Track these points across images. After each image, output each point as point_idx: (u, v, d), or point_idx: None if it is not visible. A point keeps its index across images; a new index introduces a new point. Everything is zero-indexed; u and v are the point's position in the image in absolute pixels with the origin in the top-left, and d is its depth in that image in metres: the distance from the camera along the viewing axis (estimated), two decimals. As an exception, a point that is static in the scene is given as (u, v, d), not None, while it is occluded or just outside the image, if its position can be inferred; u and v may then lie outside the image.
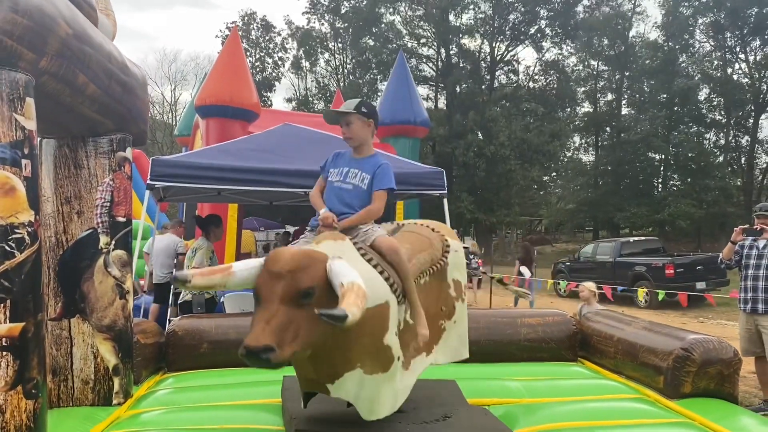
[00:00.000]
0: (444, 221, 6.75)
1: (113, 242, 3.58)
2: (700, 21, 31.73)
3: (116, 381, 3.63)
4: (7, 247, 2.44)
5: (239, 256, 9.36)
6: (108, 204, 3.56)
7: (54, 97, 2.83)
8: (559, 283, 17.58)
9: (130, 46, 69.39)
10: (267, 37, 44.73)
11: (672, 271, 14.60)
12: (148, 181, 5.65)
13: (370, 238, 3.00)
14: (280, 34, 44.92)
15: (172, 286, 7.85)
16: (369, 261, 2.81)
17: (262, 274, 2.46)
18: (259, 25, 44.44)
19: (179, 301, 6.49)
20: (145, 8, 73.15)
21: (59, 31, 2.69)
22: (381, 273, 2.79)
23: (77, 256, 3.52)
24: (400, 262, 2.91)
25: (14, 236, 2.47)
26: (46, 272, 3.43)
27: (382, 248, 2.92)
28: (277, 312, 2.29)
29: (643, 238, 20.39)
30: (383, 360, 2.76)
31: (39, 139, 3.37)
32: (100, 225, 3.55)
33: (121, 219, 3.63)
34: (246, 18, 44.32)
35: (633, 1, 34.98)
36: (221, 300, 7.42)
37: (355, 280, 2.35)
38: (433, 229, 3.49)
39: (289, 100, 45.38)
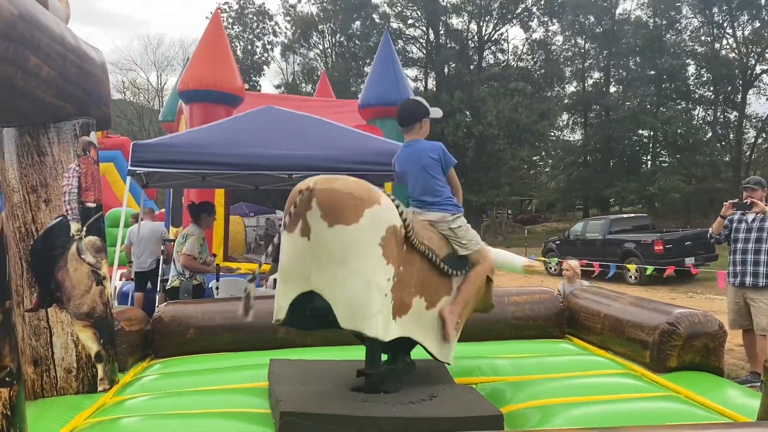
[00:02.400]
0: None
1: (85, 228, 3.52)
2: (687, -3, 31.66)
3: (100, 368, 3.59)
4: (-35, 235, 2.37)
5: (227, 241, 9.31)
6: (75, 190, 3.49)
7: (6, 81, 2.75)
8: (548, 262, 17.66)
9: (119, 32, 68.65)
10: (260, 21, 44.18)
11: (661, 247, 14.69)
12: (129, 167, 5.57)
13: None
14: (272, 19, 44.41)
15: (159, 272, 7.82)
16: None
17: None
18: (255, 9, 43.86)
19: (167, 287, 6.45)
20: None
21: (3, 12, 2.61)
22: None
23: (48, 244, 3.45)
24: None
25: (-27, 223, 2.40)
26: (18, 263, 3.38)
27: None
28: None
29: (632, 215, 20.48)
30: None
31: (-2, 128, 3.29)
32: (70, 212, 3.48)
33: (90, 205, 3.56)
34: (242, 1, 43.66)
35: (620, -22, 34.84)
36: (210, 286, 7.39)
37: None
38: None
39: (277, 86, 45.03)
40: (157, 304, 7.89)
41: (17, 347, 2.26)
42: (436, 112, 3.78)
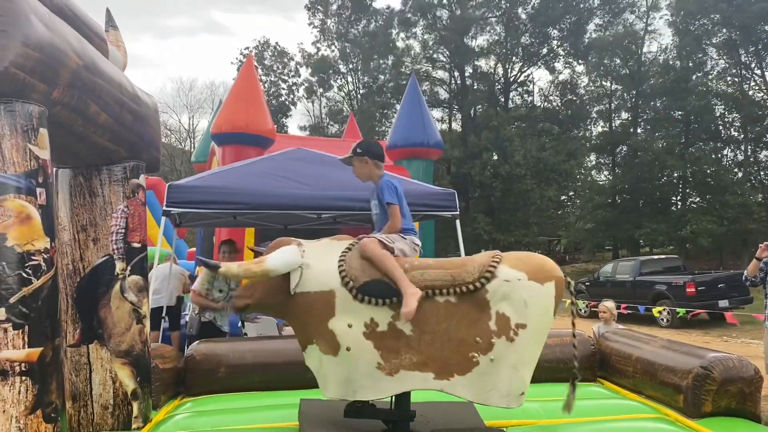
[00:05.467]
0: (457, 242, 6.76)
1: (129, 268, 3.63)
2: (713, 40, 31.63)
3: (135, 405, 3.65)
4: (24, 274, 2.50)
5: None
6: (123, 231, 3.62)
7: (67, 127, 2.90)
8: (578, 303, 17.40)
9: (150, 73, 70.91)
10: (281, 63, 45.44)
11: (693, 290, 14.41)
12: (164, 207, 5.72)
13: None
14: (293, 59, 45.61)
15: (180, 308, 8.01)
16: (341, 258, 3.27)
17: None
18: (273, 52, 45.18)
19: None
20: (169, 36, 74.84)
21: (70, 63, 2.77)
22: (339, 267, 3.22)
23: (94, 282, 3.57)
24: (375, 260, 3.20)
25: (31, 263, 2.53)
26: (64, 299, 3.49)
27: (360, 249, 3.30)
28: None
29: (663, 256, 20.15)
30: (331, 344, 3.15)
31: (54, 168, 3.46)
32: (116, 251, 3.60)
33: (136, 245, 3.68)
34: (260, 46, 45.08)
35: (645, 20, 35.08)
36: (240, 328, 7.47)
37: (266, 259, 3.17)
38: (494, 256, 3.30)
39: (302, 128, 45.93)
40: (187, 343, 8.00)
41: (63, 384, 2.35)
42: None
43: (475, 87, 38.96)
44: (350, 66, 43.07)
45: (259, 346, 4.82)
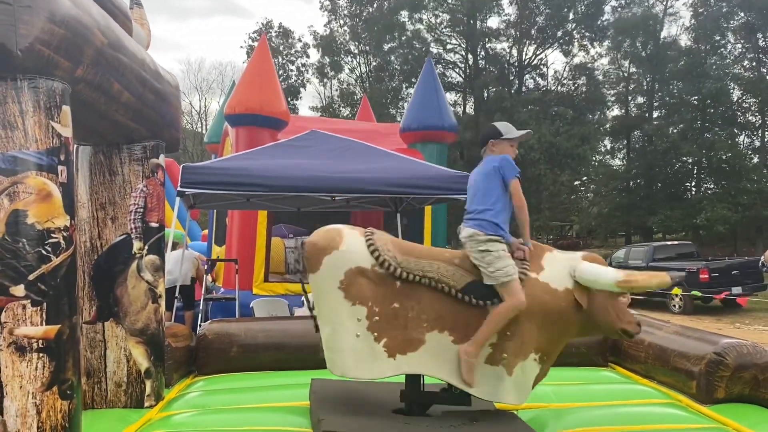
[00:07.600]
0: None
1: (146, 247, 3.66)
2: (731, 23, 31.08)
3: (148, 384, 3.69)
4: (43, 252, 2.51)
5: (268, 262, 9.43)
6: (141, 210, 3.64)
7: (89, 105, 2.90)
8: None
9: (164, 56, 70.78)
10: (288, 44, 45.23)
11: (707, 276, 14.30)
12: (179, 188, 5.73)
13: None
14: (300, 40, 45.36)
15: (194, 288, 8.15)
16: None
17: None
18: (277, 32, 44.97)
19: None
20: (184, 18, 74.51)
21: (95, 41, 2.76)
22: None
23: (111, 260, 3.60)
24: None
25: (50, 241, 2.54)
26: (82, 276, 3.51)
27: None
28: None
29: (676, 242, 19.98)
30: None
31: (75, 146, 3.47)
32: (134, 230, 3.63)
33: (153, 224, 3.70)
34: (264, 27, 44.88)
35: (664, 2, 34.54)
36: (251, 306, 7.53)
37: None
38: None
39: (314, 108, 45.74)
40: (200, 323, 8.09)
41: (79, 362, 2.37)
42: (508, 132, 3.53)
43: (488, 69, 38.62)
44: (361, 48, 42.77)
45: (271, 326, 4.85)
